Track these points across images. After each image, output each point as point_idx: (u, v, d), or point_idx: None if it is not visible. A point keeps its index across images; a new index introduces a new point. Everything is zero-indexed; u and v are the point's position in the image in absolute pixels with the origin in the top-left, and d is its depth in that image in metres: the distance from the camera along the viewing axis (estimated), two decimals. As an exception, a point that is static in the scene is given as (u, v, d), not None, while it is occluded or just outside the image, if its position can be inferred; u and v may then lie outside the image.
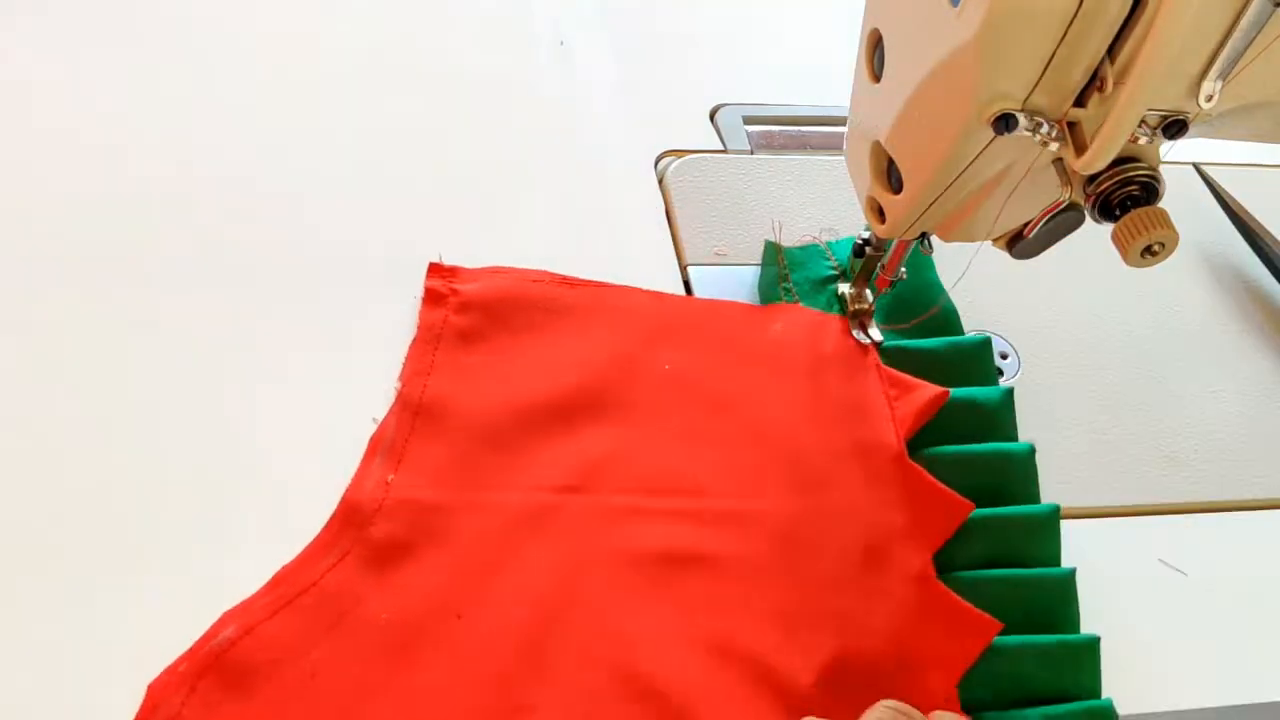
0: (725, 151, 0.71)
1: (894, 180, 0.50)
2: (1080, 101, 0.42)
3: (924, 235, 0.54)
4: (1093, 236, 0.47)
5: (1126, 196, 0.43)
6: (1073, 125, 0.43)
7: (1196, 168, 0.74)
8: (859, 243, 0.58)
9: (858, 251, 0.59)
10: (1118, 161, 0.43)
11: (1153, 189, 0.44)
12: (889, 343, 0.59)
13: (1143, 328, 0.66)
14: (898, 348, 0.59)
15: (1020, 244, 0.51)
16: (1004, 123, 0.43)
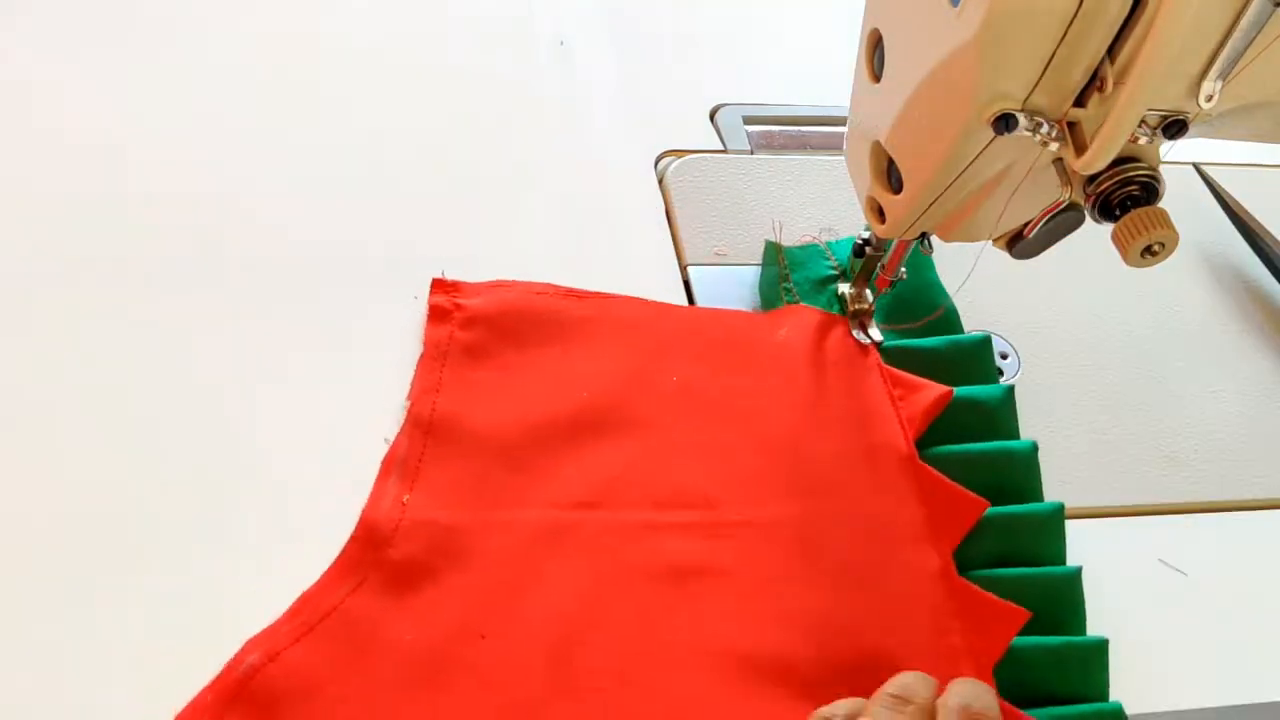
0: (725, 151, 0.71)
1: (894, 180, 0.50)
2: (1080, 101, 0.42)
3: (924, 235, 0.54)
4: (1093, 236, 0.47)
5: (1126, 196, 0.43)
6: (1073, 125, 0.43)
7: (1196, 168, 0.74)
8: (859, 243, 0.58)
9: (858, 251, 0.59)
10: (1118, 161, 0.43)
11: (1153, 189, 0.44)
12: (889, 342, 0.59)
13: (1143, 328, 0.66)
14: (898, 347, 0.59)
15: (1020, 244, 0.51)
16: (1004, 123, 0.43)
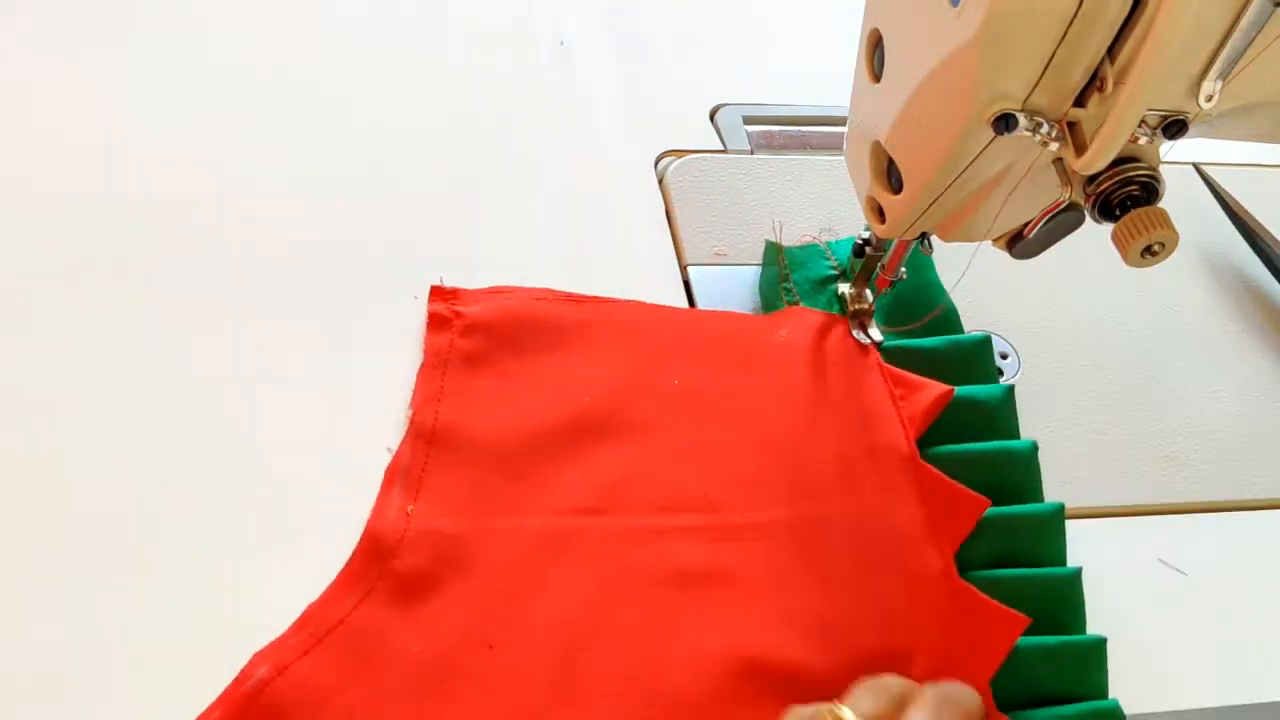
0: (725, 151, 0.71)
1: (894, 180, 0.50)
2: (1080, 101, 0.42)
3: (924, 235, 0.54)
4: (1093, 236, 0.47)
5: (1126, 196, 0.43)
6: (1073, 125, 0.43)
7: (1196, 168, 0.74)
8: (859, 243, 0.58)
9: (858, 251, 0.59)
10: (1118, 161, 0.43)
11: (1153, 189, 0.43)
12: (890, 342, 0.59)
13: (1143, 328, 0.66)
14: (898, 347, 0.59)
15: (1020, 244, 0.51)
16: (1004, 123, 0.43)
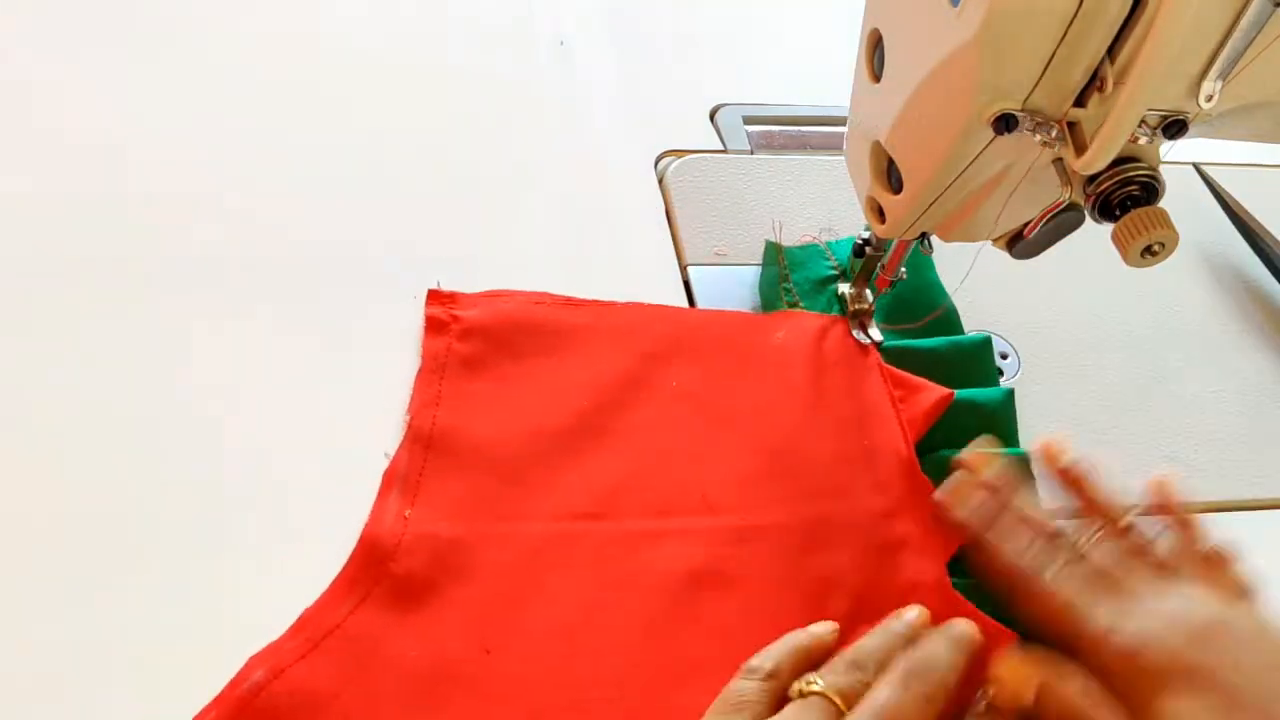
0: (725, 151, 0.71)
1: (894, 180, 0.50)
2: (1080, 101, 0.42)
3: (924, 235, 0.54)
4: (1093, 236, 0.47)
5: (1126, 196, 0.43)
6: (1073, 125, 0.43)
7: (1196, 168, 0.74)
8: (859, 243, 0.58)
9: (858, 251, 0.59)
10: (1118, 161, 0.43)
11: (1153, 189, 0.43)
12: (889, 343, 0.59)
13: (1143, 328, 0.66)
14: (898, 348, 0.59)
15: (1020, 244, 0.51)
16: (1004, 123, 0.43)
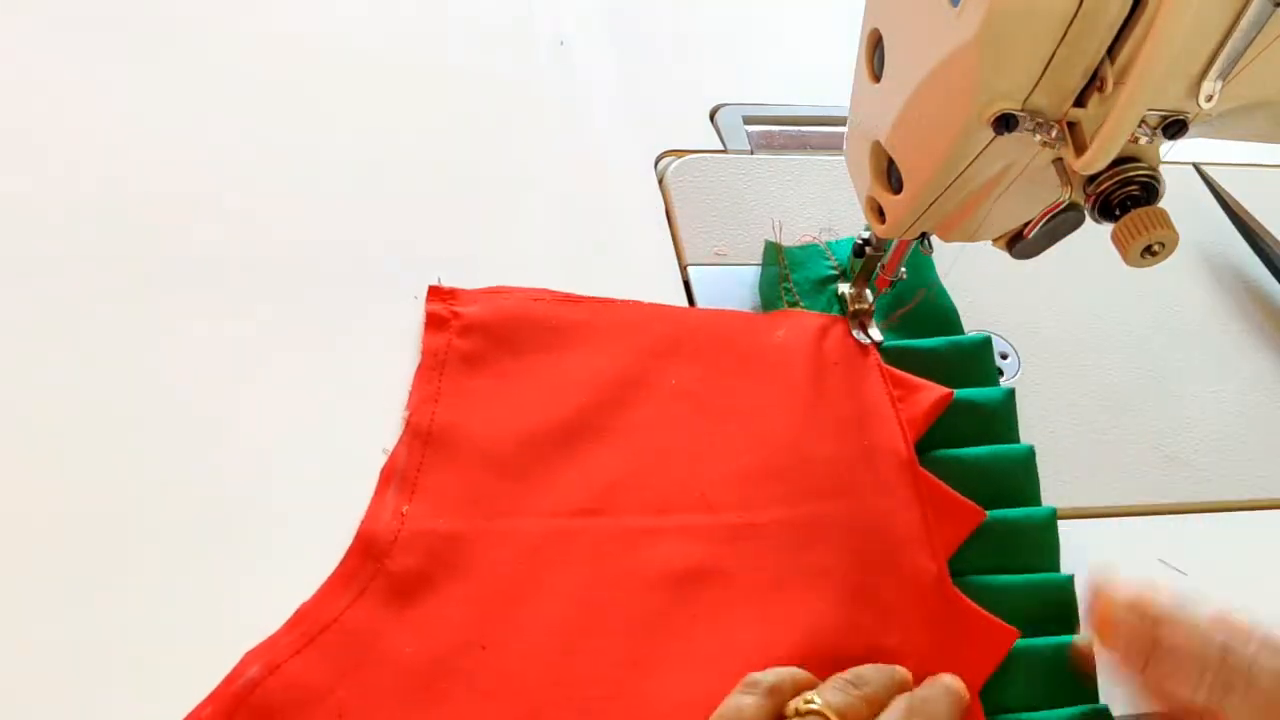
0: (725, 151, 0.71)
1: (894, 180, 0.50)
2: (1080, 101, 0.42)
3: (924, 235, 0.54)
4: (1093, 236, 0.47)
5: (1126, 196, 0.43)
6: (1073, 125, 0.43)
7: (1196, 168, 0.74)
8: (859, 243, 0.58)
9: (858, 251, 0.59)
10: (1118, 161, 0.43)
11: (1153, 189, 0.43)
12: (889, 342, 0.59)
13: (1143, 328, 0.66)
14: (898, 347, 0.59)
15: (1020, 244, 0.51)
16: (1004, 123, 0.43)
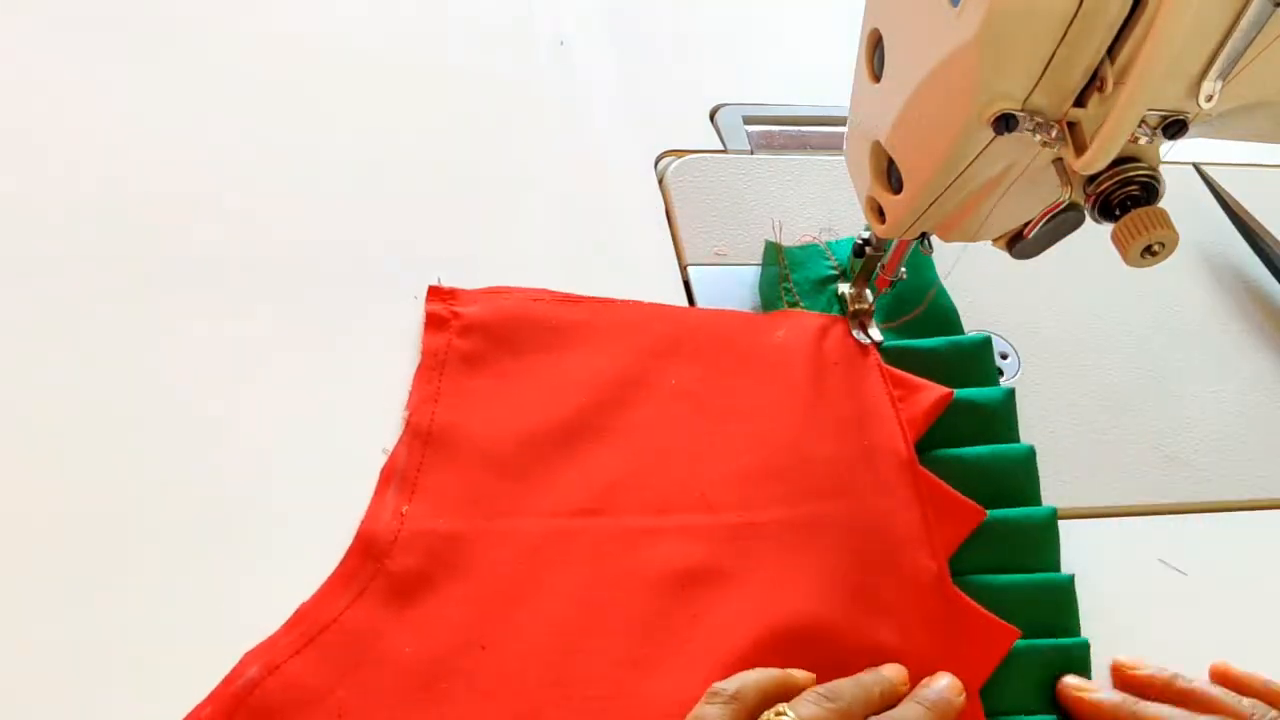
0: (725, 151, 0.71)
1: (894, 180, 0.50)
2: (1080, 101, 0.42)
3: (924, 235, 0.54)
4: (1093, 236, 0.47)
5: (1126, 196, 0.43)
6: (1073, 125, 0.43)
7: (1196, 168, 0.74)
8: (859, 243, 0.58)
9: (858, 251, 0.59)
10: (1118, 161, 0.43)
11: (1153, 189, 0.43)
12: (889, 342, 0.59)
13: (1143, 328, 0.66)
14: (898, 348, 0.59)
15: (1020, 244, 0.51)
16: (1004, 123, 0.43)
